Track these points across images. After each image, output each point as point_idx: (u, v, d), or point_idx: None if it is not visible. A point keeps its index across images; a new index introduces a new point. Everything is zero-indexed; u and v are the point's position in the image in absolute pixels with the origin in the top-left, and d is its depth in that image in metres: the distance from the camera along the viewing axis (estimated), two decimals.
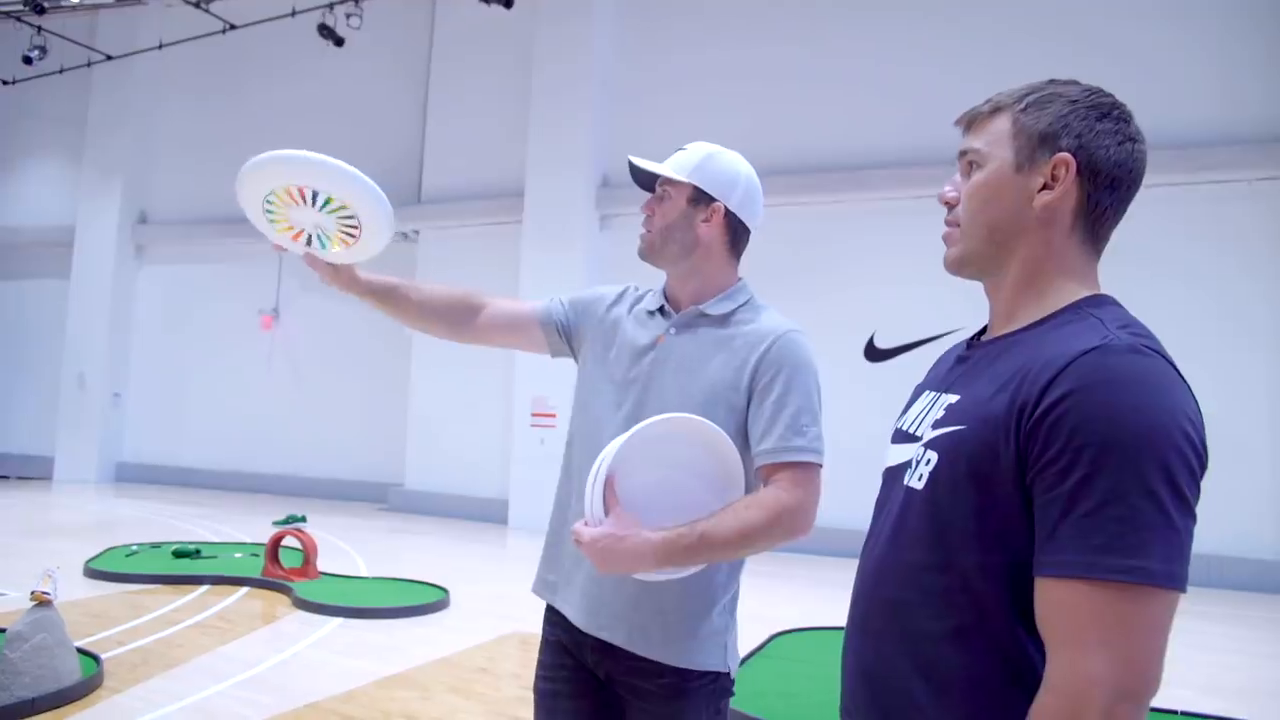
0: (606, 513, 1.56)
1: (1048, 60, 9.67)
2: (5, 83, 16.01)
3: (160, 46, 13.97)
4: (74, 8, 14.59)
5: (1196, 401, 1.04)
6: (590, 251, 11.46)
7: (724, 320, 1.81)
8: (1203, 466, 1.01)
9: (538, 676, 1.95)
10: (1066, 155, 1.15)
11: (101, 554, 7.69)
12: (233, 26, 12.86)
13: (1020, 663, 1.06)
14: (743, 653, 5.42)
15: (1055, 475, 1.00)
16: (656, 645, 1.73)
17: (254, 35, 13.10)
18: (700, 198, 1.81)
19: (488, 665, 5.29)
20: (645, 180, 1.90)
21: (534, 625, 2.10)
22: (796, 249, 10.42)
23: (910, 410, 1.33)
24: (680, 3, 11.76)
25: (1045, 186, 1.16)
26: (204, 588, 6.85)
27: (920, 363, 9.64)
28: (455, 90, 12.95)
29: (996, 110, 1.22)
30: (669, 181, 1.84)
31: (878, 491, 1.33)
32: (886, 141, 10.32)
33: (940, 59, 10.18)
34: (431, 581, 7.19)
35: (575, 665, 1.87)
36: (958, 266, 1.26)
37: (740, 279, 1.89)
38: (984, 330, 1.30)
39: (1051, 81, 1.22)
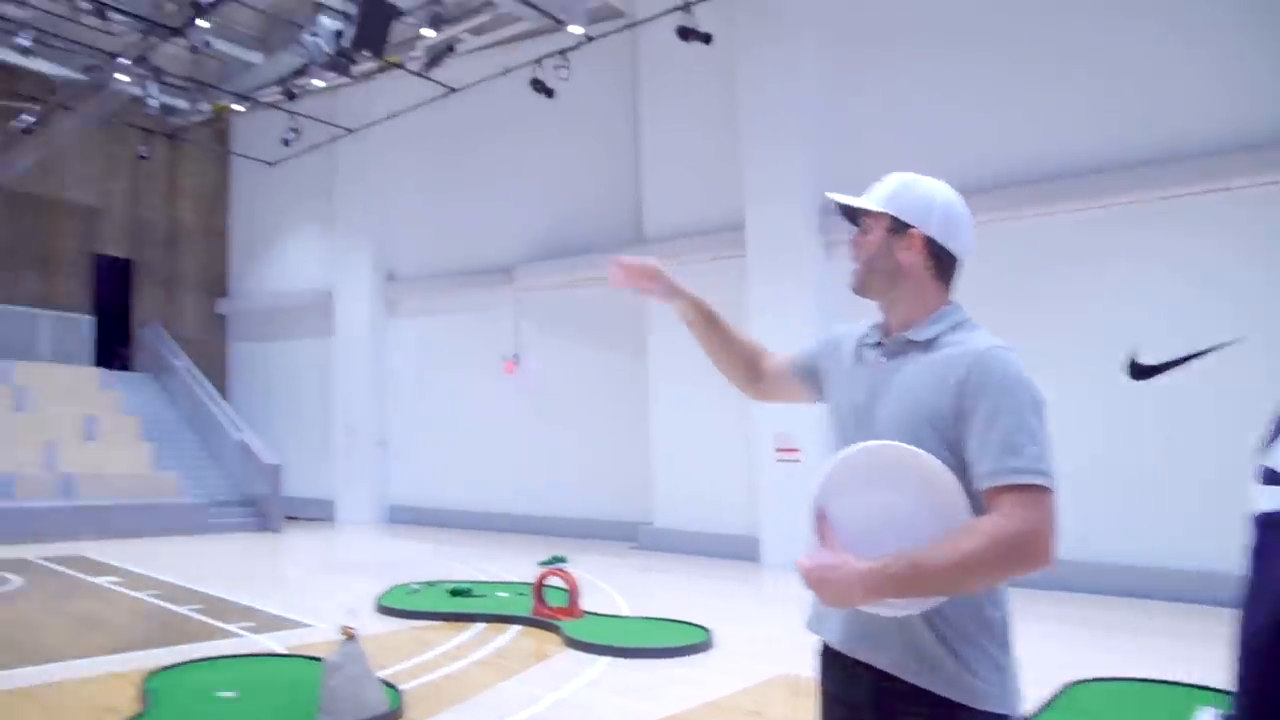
0: (822, 542, 1.56)
1: None
2: (268, 164, 17.88)
3: (391, 116, 15.15)
4: (319, 90, 16.09)
5: None
6: (817, 280, 11.29)
7: (930, 345, 1.77)
8: None
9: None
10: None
11: (388, 591, 8.33)
12: (452, 90, 13.75)
13: None
14: (1031, 705, 5.11)
15: None
16: (924, 673, 1.66)
17: (473, 96, 13.93)
18: (898, 226, 1.81)
19: (757, 709, 5.26)
20: (852, 215, 1.92)
21: (802, 668, 2.07)
22: (1041, 262, 9.87)
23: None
24: (884, 22, 11.47)
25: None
26: (480, 626, 7.25)
27: (1194, 378, 8.88)
28: (665, 127, 13.17)
29: None
30: (868, 213, 1.86)
31: (1254, 538, 1.19)
32: (1126, 141, 9.58)
33: (1173, 46, 9.36)
34: (693, 622, 7.26)
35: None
36: None
37: (950, 302, 1.85)
38: None
39: None
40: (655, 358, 12.91)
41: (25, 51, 13.62)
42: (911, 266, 1.81)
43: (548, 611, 7.30)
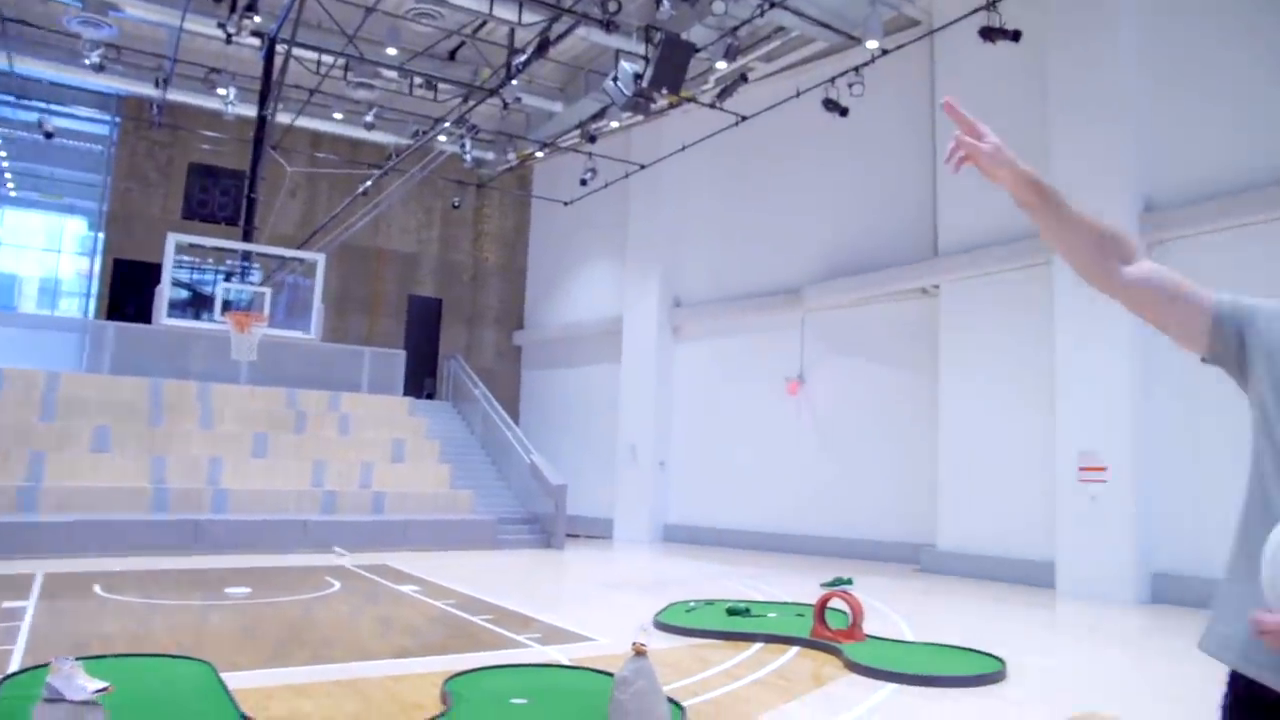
0: None
1: None
2: (564, 204, 18.96)
3: (683, 149, 15.54)
4: (614, 130, 16.85)
5: None
6: None
7: None
8: None
9: None
10: None
11: (666, 608, 8.39)
12: (744, 118, 13.87)
13: None
14: None
15: None
16: None
17: (763, 120, 13.98)
18: None
19: None
20: None
21: (1104, 703, 1.72)
22: None
23: None
24: (1207, 3, 10.34)
25: None
26: (757, 645, 7.10)
27: None
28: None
29: None
30: None
31: None
32: None
33: None
34: (984, 649, 6.75)
35: None
36: None
37: None
38: None
39: None
40: (946, 374, 12.37)
41: (369, 127, 15.51)
42: None
43: (828, 634, 7.04)
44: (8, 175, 18.66)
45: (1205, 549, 9.39)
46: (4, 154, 18.15)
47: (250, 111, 14.27)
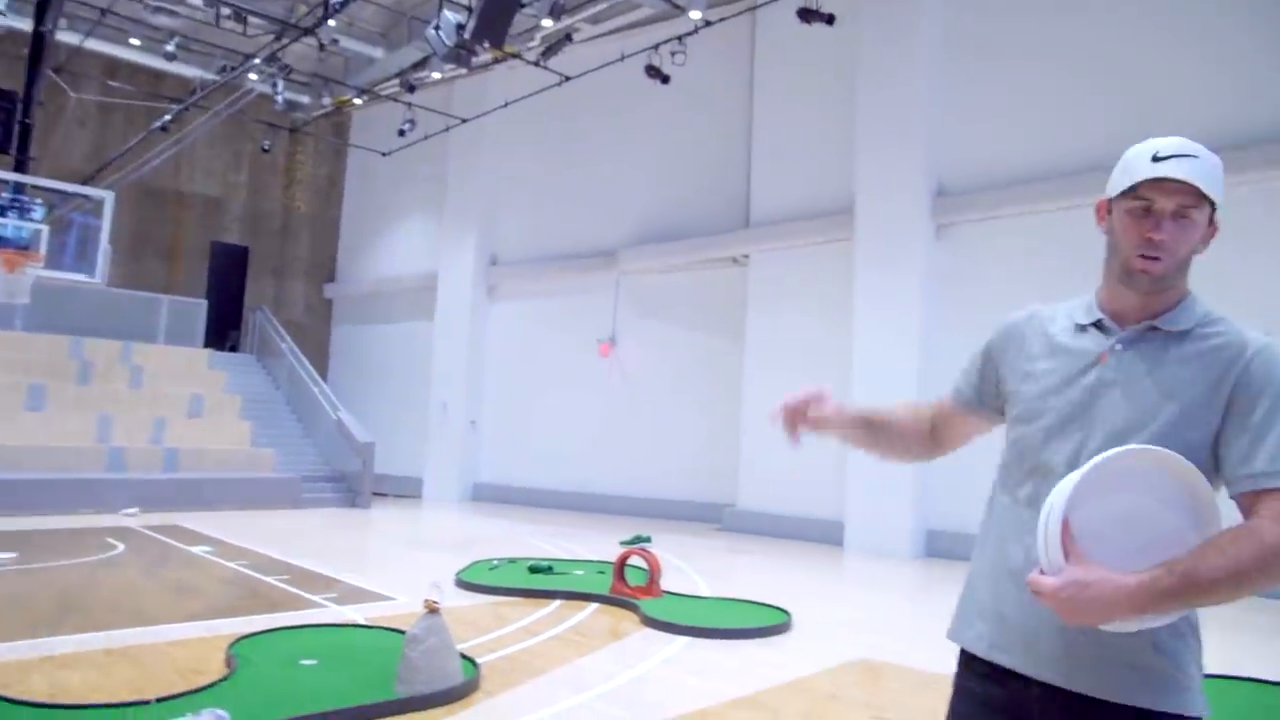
0: (1066, 558, 1.41)
1: None
2: (383, 154, 18.30)
3: (506, 105, 15.30)
4: (436, 82, 16.38)
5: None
6: (927, 262, 11.02)
7: (1185, 336, 1.59)
8: None
9: None
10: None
11: (469, 567, 8.38)
12: (567, 78, 13.78)
13: None
14: None
15: None
16: (1104, 681, 1.51)
17: (586, 83, 13.96)
18: (1211, 213, 1.60)
19: (835, 692, 5.11)
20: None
21: (880, 652, 1.90)
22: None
23: None
24: (1014, 6, 11.08)
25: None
26: (557, 602, 7.22)
27: None
28: (779, 112, 13.03)
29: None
30: (1195, 202, 1.56)
31: None
32: (1248, 120, 9.07)
33: None
34: (772, 603, 7.13)
35: None
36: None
37: (1189, 290, 1.64)
38: None
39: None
40: (752, 342, 12.83)
41: (170, 57, 14.35)
42: (1196, 251, 1.62)
43: (627, 590, 7.23)
44: None
45: (970, 509, 10.21)
46: None
47: (26, 25, 12.95)
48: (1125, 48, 10.11)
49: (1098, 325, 1.67)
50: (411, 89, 15.04)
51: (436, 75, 15.72)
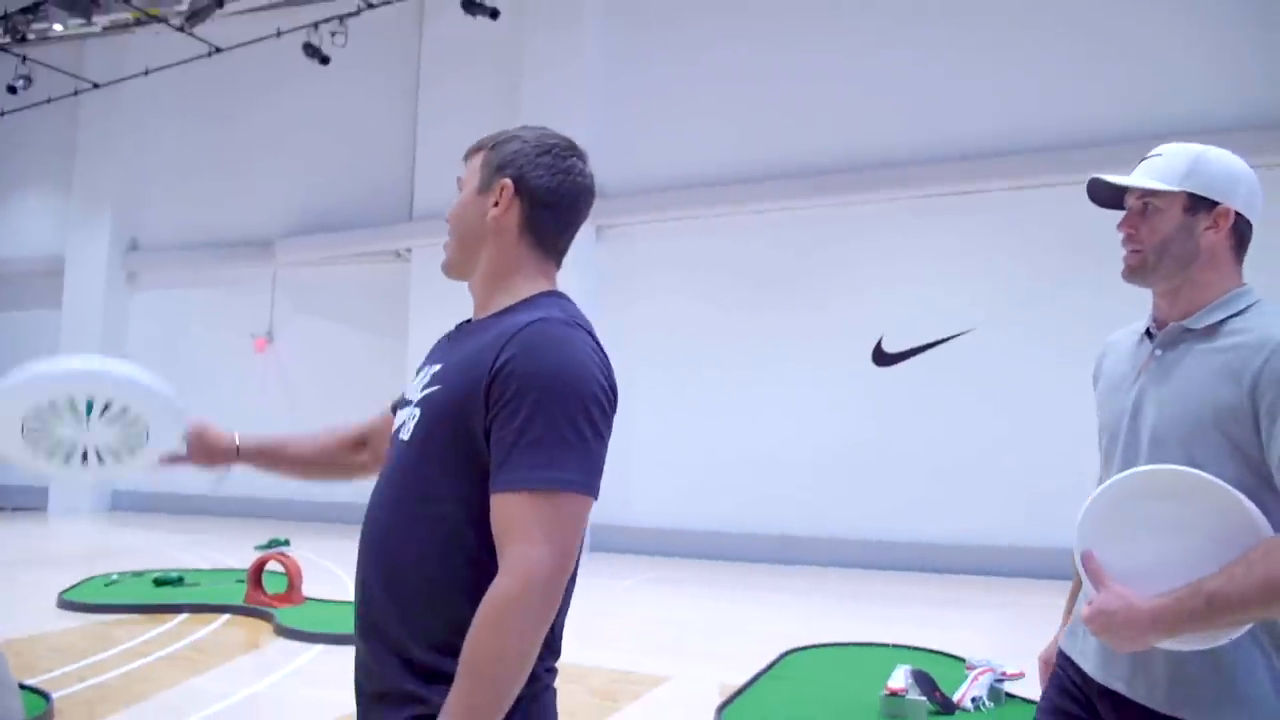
0: (1096, 586, 1.46)
1: (1049, 55, 9.56)
2: None
3: (147, 73, 13.77)
4: (60, 38, 14.45)
5: (608, 362, 1.39)
6: (588, 263, 11.18)
7: (1212, 332, 1.58)
8: (613, 407, 1.36)
9: (1040, 710, 1.83)
10: (508, 180, 1.46)
11: (78, 584, 7.39)
12: (218, 49, 12.65)
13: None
14: (751, 671, 5.08)
15: (507, 416, 1.27)
16: (1157, 692, 1.53)
17: (240, 57, 12.87)
18: (1199, 204, 1.62)
19: None
20: (1107, 198, 1.75)
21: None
22: (801, 253, 10.29)
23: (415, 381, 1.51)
24: (670, 7, 11.55)
25: (495, 204, 1.47)
26: (182, 616, 6.53)
27: (928, 367, 9.54)
28: (445, 104, 12.70)
29: (478, 149, 1.55)
30: (1151, 194, 1.65)
31: None
32: (887, 140, 10.13)
33: (940, 55, 10.01)
34: None
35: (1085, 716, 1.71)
36: (446, 270, 1.57)
37: (1244, 284, 1.64)
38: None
39: (522, 127, 1.55)
40: (415, 340, 12.39)
41: None
42: (1214, 246, 1.62)
43: (265, 599, 6.69)
44: None
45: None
46: None
47: None
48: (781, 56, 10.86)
49: (1148, 333, 1.72)
50: (22, 38, 13.01)
51: (58, 27, 13.83)
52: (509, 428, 1.26)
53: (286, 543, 7.01)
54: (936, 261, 9.80)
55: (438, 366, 1.45)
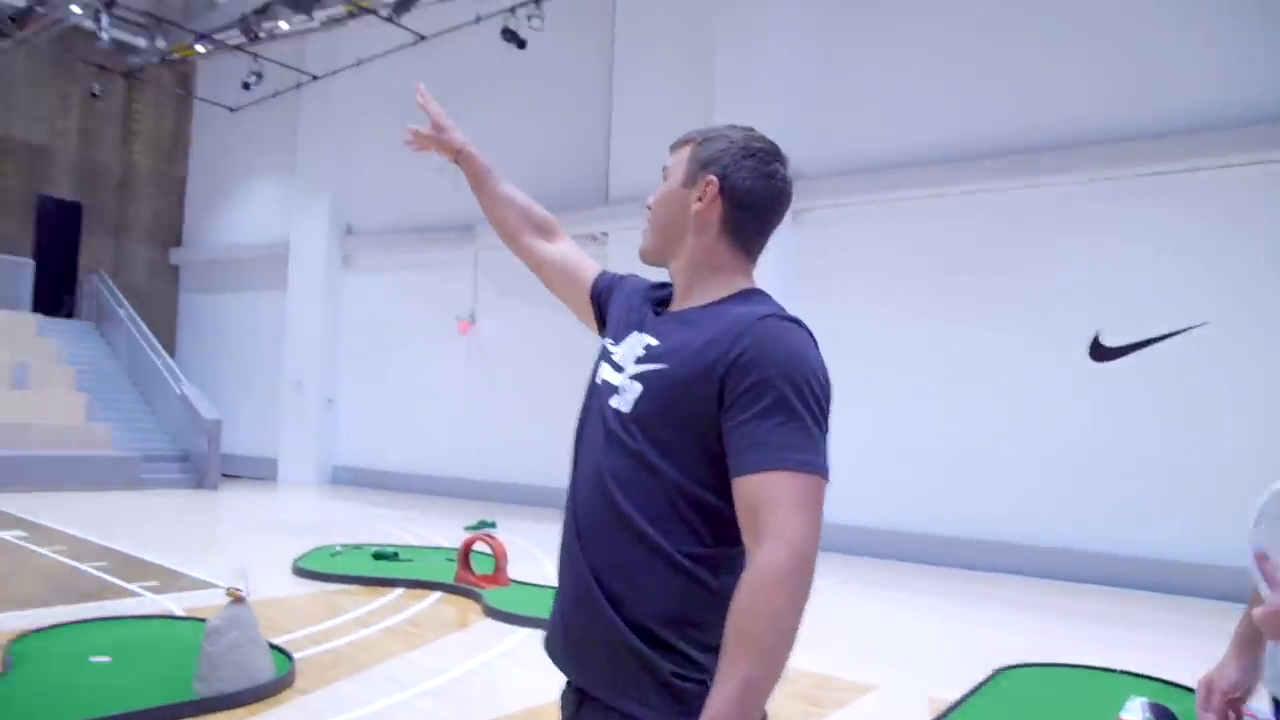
0: (1271, 587, 1.40)
1: None
2: (230, 110, 17.25)
3: (358, 63, 14.57)
4: (286, 35, 15.48)
5: (823, 358, 1.42)
6: (780, 249, 10.98)
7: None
8: (829, 401, 1.39)
9: None
10: (713, 178, 1.50)
11: (308, 553, 7.94)
12: (422, 38, 13.22)
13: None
14: (961, 686, 4.85)
15: (749, 401, 1.32)
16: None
17: (443, 48, 13.42)
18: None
19: None
20: None
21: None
22: (1009, 238, 9.72)
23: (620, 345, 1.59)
24: None
25: (699, 199, 1.51)
26: (399, 591, 6.89)
27: (1154, 362, 8.74)
28: (639, 87, 12.77)
29: (686, 141, 1.59)
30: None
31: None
32: (1100, 114, 9.34)
33: (1158, 17, 9.13)
34: None
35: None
36: (644, 254, 1.61)
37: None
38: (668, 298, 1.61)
39: (729, 126, 1.58)
40: None
41: None
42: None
43: (472, 579, 6.95)
44: None
45: None
46: None
47: None
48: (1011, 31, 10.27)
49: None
50: (255, 38, 14.07)
51: (284, 25, 14.81)
52: (752, 412, 1.31)
53: (493, 525, 7.24)
54: (1163, 247, 8.95)
55: (653, 340, 1.49)
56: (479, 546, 7.15)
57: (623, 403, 1.46)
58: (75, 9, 13.29)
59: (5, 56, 14.86)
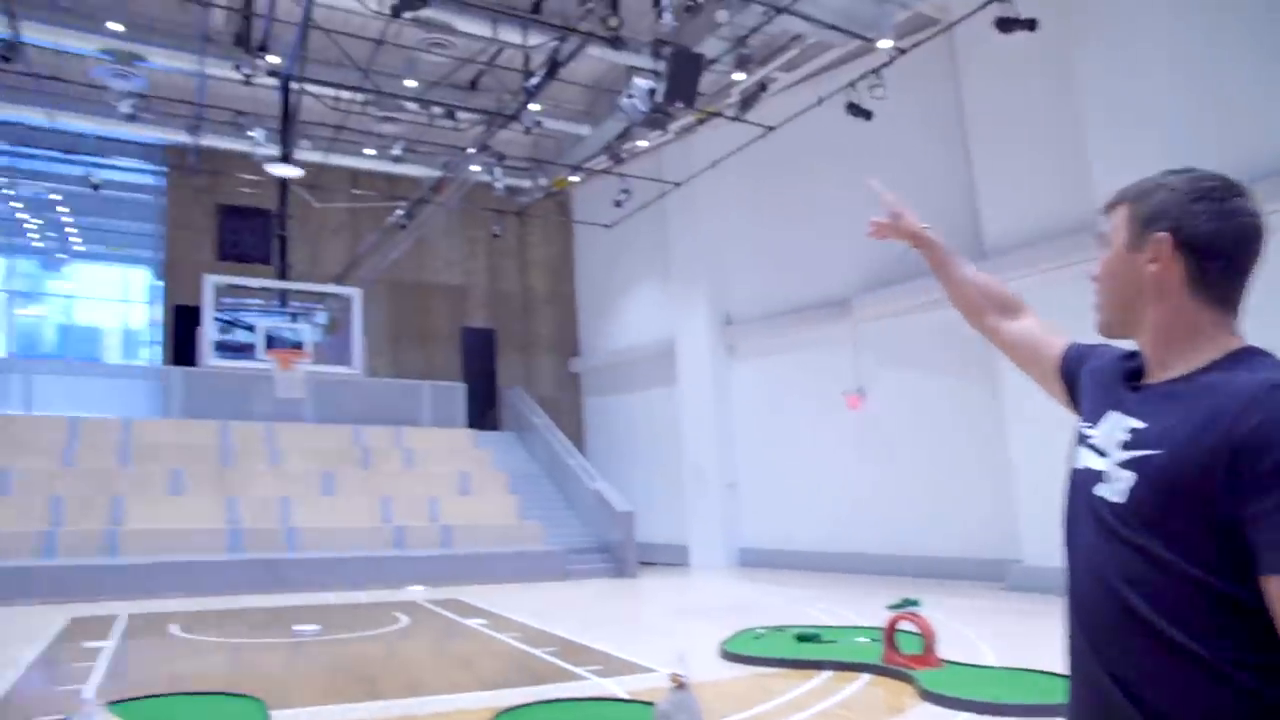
0: None
1: None
2: (605, 227, 18.87)
3: (714, 164, 15.30)
4: (646, 150, 16.71)
5: None
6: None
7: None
8: None
9: None
10: (1164, 234, 1.35)
11: (733, 636, 8.08)
12: (770, 129, 13.61)
13: None
14: None
15: (1268, 488, 1.14)
16: None
17: (790, 132, 13.70)
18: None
19: None
20: None
21: None
22: None
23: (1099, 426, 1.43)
24: None
25: (1152, 261, 1.36)
26: (827, 674, 6.75)
27: None
28: (996, 128, 12.25)
29: (1120, 201, 1.46)
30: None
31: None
32: None
33: None
34: None
35: None
36: (1101, 330, 1.50)
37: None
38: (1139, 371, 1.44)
39: (1166, 173, 1.40)
40: (1009, 379, 11.77)
41: (398, 160, 15.67)
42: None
43: (900, 660, 6.65)
44: (70, 230, 19.23)
45: None
46: (65, 209, 18.65)
47: (275, 151, 14.40)
48: None
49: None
50: (619, 160, 15.37)
51: (643, 143, 16.00)
52: (1273, 502, 1.14)
53: (917, 603, 6.90)
54: None
55: (1137, 424, 1.34)
56: (903, 625, 6.85)
57: (1113, 492, 1.33)
58: (475, 168, 15.41)
59: (428, 217, 17.50)
